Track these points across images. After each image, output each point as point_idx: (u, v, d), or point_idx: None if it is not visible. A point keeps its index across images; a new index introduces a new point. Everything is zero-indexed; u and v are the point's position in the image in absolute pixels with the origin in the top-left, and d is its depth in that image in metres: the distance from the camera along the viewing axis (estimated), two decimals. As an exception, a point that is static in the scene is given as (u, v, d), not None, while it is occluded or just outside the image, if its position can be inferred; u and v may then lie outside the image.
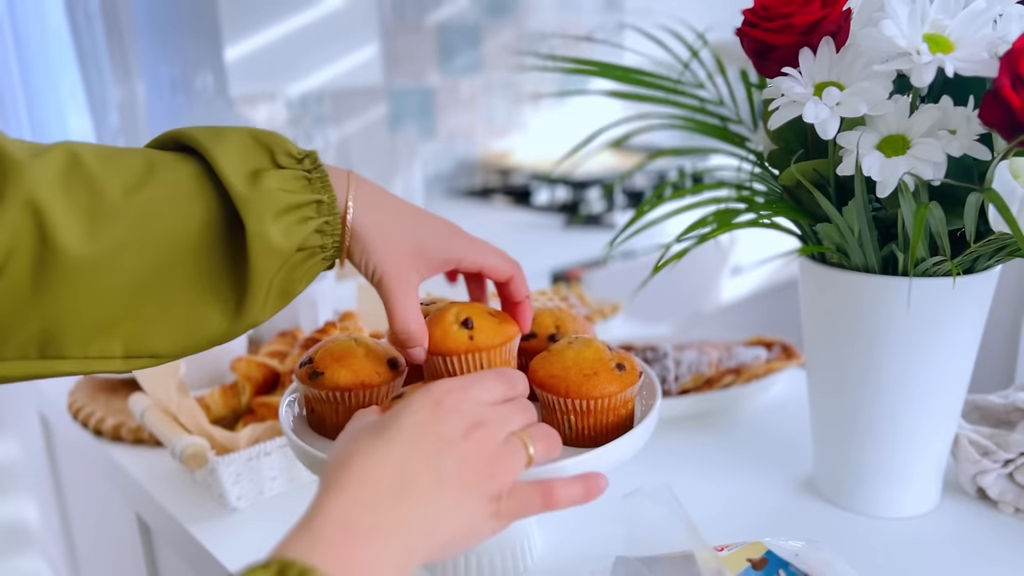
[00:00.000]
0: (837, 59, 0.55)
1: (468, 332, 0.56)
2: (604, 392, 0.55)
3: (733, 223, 0.63)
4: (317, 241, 0.51)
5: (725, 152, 0.72)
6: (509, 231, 1.89)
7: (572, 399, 0.55)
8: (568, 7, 2.48)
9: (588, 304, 1.08)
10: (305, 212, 0.50)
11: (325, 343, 0.59)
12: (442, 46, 2.24)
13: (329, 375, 0.56)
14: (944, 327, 0.60)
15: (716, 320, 2.03)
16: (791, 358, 0.91)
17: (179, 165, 0.48)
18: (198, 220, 0.47)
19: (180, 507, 0.73)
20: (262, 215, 0.48)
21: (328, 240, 0.51)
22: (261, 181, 0.48)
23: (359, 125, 2.10)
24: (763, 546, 0.54)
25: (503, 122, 2.42)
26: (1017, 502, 0.65)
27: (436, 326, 0.56)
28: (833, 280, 0.62)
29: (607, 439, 0.56)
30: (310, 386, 0.57)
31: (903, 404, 0.62)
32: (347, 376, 0.56)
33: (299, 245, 0.50)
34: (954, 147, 0.52)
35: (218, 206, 0.48)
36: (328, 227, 0.51)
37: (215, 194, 0.48)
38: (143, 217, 0.46)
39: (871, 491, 0.66)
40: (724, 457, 0.78)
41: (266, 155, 0.50)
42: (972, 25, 0.52)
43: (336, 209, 0.51)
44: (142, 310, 0.47)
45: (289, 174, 0.50)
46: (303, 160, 0.51)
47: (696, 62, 0.74)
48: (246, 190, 0.48)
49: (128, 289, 0.46)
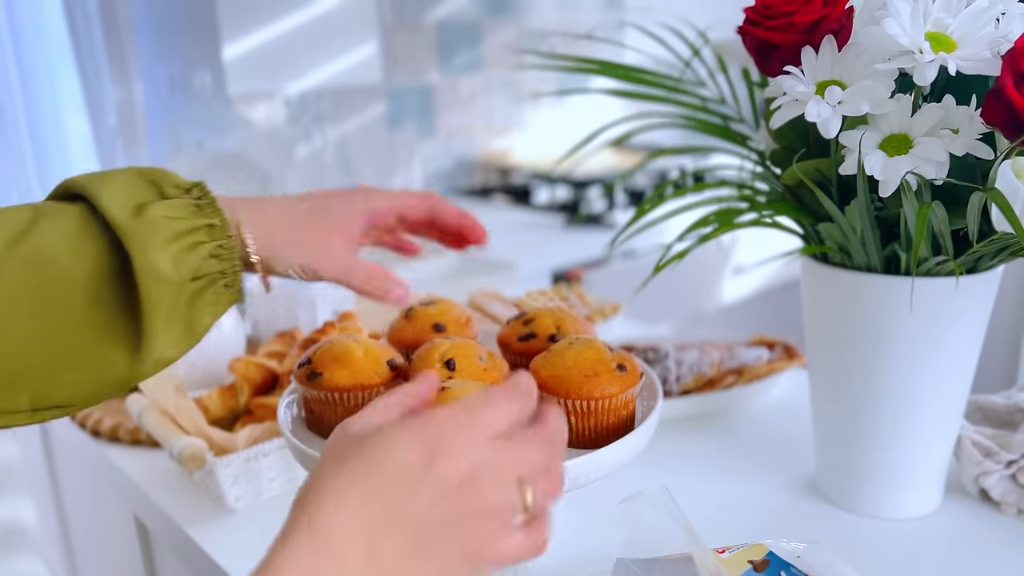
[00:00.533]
0: (839, 58, 0.55)
1: (449, 373, 0.56)
2: (605, 393, 0.55)
3: (735, 223, 0.62)
4: (214, 267, 0.49)
5: (727, 151, 0.71)
6: (509, 231, 1.89)
7: (573, 400, 0.55)
8: (568, 5, 2.47)
9: (588, 304, 1.08)
10: (195, 237, 0.49)
11: (324, 343, 0.59)
12: (442, 44, 2.24)
13: (328, 376, 0.56)
14: (947, 327, 0.59)
15: (717, 320, 2.02)
16: (793, 358, 0.91)
17: (66, 210, 0.48)
18: (88, 263, 0.46)
19: (178, 508, 0.73)
20: (148, 244, 0.47)
21: (227, 265, 0.50)
22: (146, 212, 0.48)
23: (358, 124, 2.10)
24: (765, 548, 0.54)
25: (503, 121, 2.42)
26: (1020, 503, 0.65)
27: (421, 362, 0.57)
28: (835, 280, 0.62)
29: (608, 440, 0.55)
30: (308, 387, 0.57)
31: (905, 404, 0.62)
32: (346, 377, 0.56)
33: (194, 273, 0.48)
34: (957, 146, 0.52)
35: (107, 245, 0.47)
36: (224, 251, 0.50)
37: (103, 234, 0.47)
38: (30, 266, 0.45)
39: (873, 492, 0.66)
40: (725, 458, 0.78)
41: (152, 189, 0.49)
42: (974, 24, 0.52)
43: (229, 231, 0.50)
44: (44, 360, 0.46)
45: (177, 203, 0.49)
46: (191, 190, 0.50)
47: (697, 60, 0.74)
48: (130, 222, 0.47)
49: (27, 341, 0.45)
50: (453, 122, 2.30)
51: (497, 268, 1.38)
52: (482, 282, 1.24)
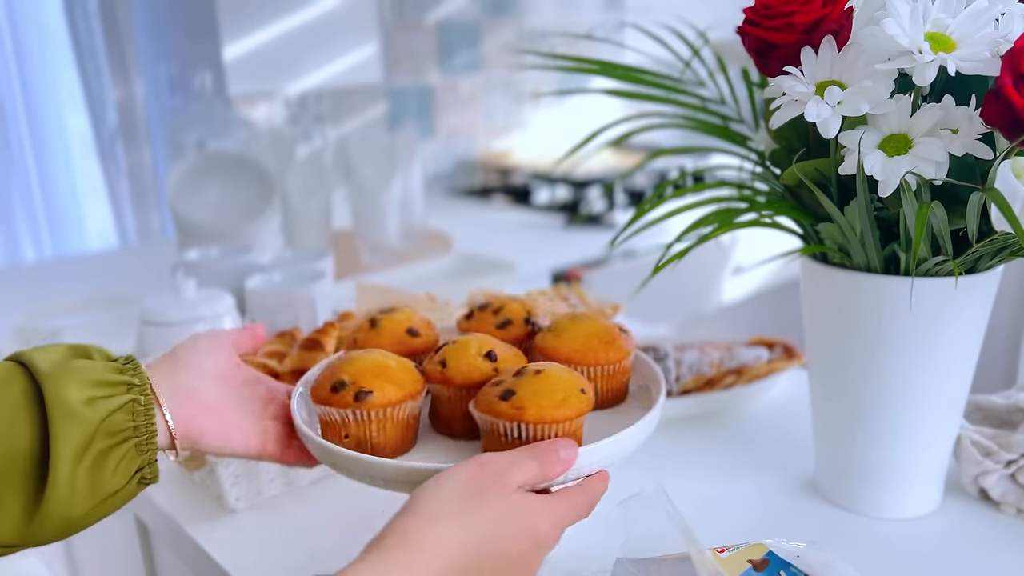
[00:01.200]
0: (839, 58, 0.55)
1: (493, 364, 0.57)
2: (622, 354, 0.61)
3: (734, 223, 0.62)
4: (127, 422, 0.49)
5: (726, 151, 0.71)
6: (509, 231, 1.89)
7: (601, 365, 0.60)
8: (568, 5, 2.47)
9: (588, 304, 1.08)
10: (113, 390, 0.49)
11: (339, 362, 0.56)
12: (442, 45, 2.24)
13: (380, 393, 0.54)
14: (946, 327, 0.59)
15: (717, 320, 2.02)
16: (793, 358, 0.91)
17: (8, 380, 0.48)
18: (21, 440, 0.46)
19: (178, 508, 0.73)
20: (65, 382, 0.47)
21: (142, 422, 0.49)
22: (69, 362, 0.48)
23: (358, 124, 2.10)
24: (764, 547, 0.54)
25: (503, 121, 2.42)
26: (1019, 503, 0.65)
27: (461, 359, 0.57)
28: (835, 280, 0.62)
29: (621, 399, 0.62)
30: (356, 407, 0.54)
31: (905, 404, 0.62)
32: (396, 391, 0.54)
33: (104, 416, 0.47)
34: (956, 146, 0.52)
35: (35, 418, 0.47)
36: (140, 408, 0.49)
37: (33, 408, 0.47)
38: None
39: (873, 492, 0.66)
40: (725, 458, 0.78)
41: (79, 351, 0.50)
42: (974, 24, 0.52)
43: (148, 391, 0.50)
44: None
45: (100, 364, 0.50)
46: (118, 359, 0.51)
47: (697, 61, 0.74)
48: (51, 367, 0.47)
49: None
50: (453, 122, 2.30)
51: (497, 268, 1.38)
52: (482, 282, 1.24)
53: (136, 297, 1.23)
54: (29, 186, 2.04)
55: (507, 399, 0.52)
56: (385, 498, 0.54)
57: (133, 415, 0.49)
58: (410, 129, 1.66)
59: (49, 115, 2.05)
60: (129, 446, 0.49)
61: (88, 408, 0.47)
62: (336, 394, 0.54)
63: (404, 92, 2.18)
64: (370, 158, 1.50)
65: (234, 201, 1.30)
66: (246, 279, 0.98)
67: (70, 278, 1.58)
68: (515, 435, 0.51)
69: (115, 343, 1.00)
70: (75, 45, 2.01)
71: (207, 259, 1.08)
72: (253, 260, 1.06)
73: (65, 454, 0.46)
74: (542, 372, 0.53)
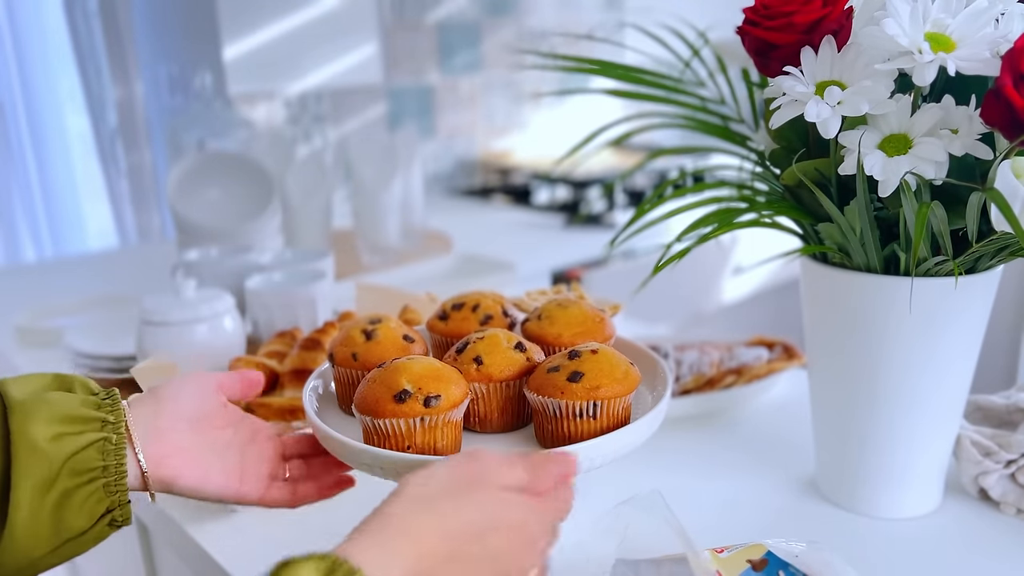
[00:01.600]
0: (839, 58, 0.55)
1: (524, 354, 0.59)
2: (612, 329, 0.65)
3: (734, 223, 0.62)
4: (96, 461, 0.47)
5: (726, 151, 0.71)
6: (509, 231, 1.89)
7: (602, 342, 0.62)
8: (568, 5, 2.47)
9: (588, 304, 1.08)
10: (84, 426, 0.47)
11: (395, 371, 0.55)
12: (442, 45, 2.24)
13: (447, 396, 0.54)
14: (946, 327, 0.60)
15: (717, 320, 2.02)
16: (792, 358, 0.91)
17: None
18: None
19: (178, 508, 0.73)
20: (33, 417, 0.45)
21: (111, 462, 0.48)
22: (45, 393, 0.47)
23: (358, 124, 2.10)
24: (763, 547, 0.54)
25: (503, 121, 2.42)
26: (1019, 503, 0.65)
27: (496, 354, 0.58)
28: (835, 280, 0.62)
29: None
30: (426, 413, 0.54)
31: (905, 404, 0.62)
32: (458, 392, 0.55)
33: (71, 454, 0.46)
34: (956, 146, 0.52)
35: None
36: (111, 447, 0.48)
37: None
38: None
39: (873, 492, 0.66)
40: (725, 458, 0.78)
41: (59, 382, 0.49)
42: (974, 24, 0.52)
43: (122, 429, 0.49)
44: None
45: (76, 398, 0.48)
46: (98, 393, 0.50)
47: (697, 61, 0.74)
48: (22, 399, 0.46)
49: None
50: (453, 122, 2.30)
51: (497, 268, 1.38)
52: (482, 282, 1.24)
53: (136, 297, 1.23)
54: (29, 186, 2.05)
55: (577, 380, 0.54)
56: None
57: (103, 454, 0.47)
58: (410, 129, 1.66)
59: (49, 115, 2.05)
60: (96, 486, 0.47)
61: (52, 444, 0.45)
62: (402, 404, 0.53)
63: (404, 92, 2.18)
64: (370, 158, 1.50)
65: (234, 201, 1.30)
66: (246, 279, 0.98)
67: (70, 278, 1.58)
68: (591, 413, 0.54)
69: (115, 343, 1.00)
70: (75, 45, 2.01)
71: (207, 259, 1.08)
72: (253, 260, 1.06)
73: (24, 490, 0.44)
74: (598, 352, 0.56)
